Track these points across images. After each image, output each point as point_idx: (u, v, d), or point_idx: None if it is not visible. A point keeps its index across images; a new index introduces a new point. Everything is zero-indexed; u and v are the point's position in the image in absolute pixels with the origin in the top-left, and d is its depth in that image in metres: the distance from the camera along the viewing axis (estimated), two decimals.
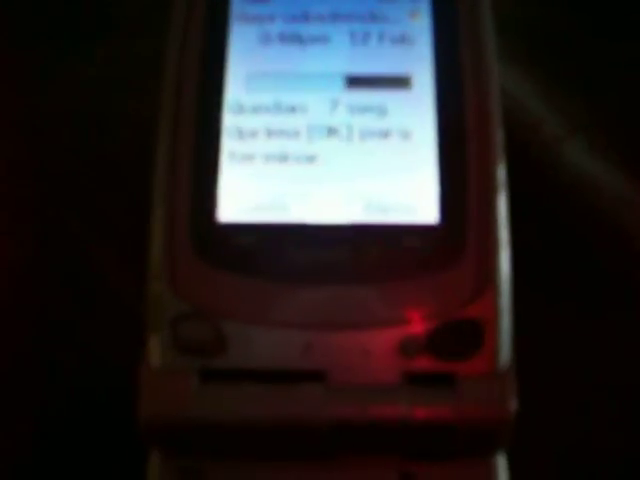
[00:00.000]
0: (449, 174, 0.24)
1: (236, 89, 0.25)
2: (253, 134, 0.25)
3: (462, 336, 0.23)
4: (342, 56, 0.25)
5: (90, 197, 0.31)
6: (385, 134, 0.25)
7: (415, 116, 0.25)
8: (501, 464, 0.24)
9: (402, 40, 0.26)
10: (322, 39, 0.26)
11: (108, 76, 0.34)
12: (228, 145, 0.25)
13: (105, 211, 0.31)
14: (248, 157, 0.24)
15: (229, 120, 0.25)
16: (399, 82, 0.25)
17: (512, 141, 0.25)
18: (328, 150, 0.24)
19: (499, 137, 0.24)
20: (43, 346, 0.29)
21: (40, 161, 0.32)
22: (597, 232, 0.31)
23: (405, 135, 0.25)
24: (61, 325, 0.30)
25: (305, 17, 0.26)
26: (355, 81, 0.25)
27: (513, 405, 0.22)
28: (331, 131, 0.25)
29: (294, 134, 0.25)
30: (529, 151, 0.32)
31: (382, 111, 0.25)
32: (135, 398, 0.22)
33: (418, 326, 0.23)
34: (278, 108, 0.25)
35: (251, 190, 0.24)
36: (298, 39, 0.26)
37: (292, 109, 0.25)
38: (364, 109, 0.25)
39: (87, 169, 0.32)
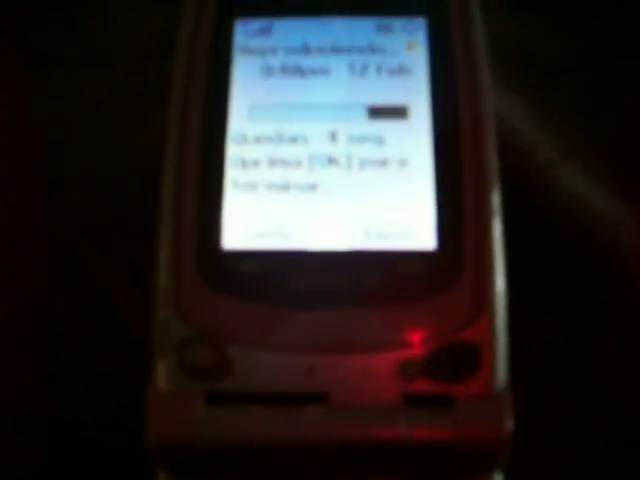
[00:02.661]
0: (446, 201, 0.25)
1: (239, 120, 0.26)
2: (256, 163, 0.26)
3: (459, 359, 0.23)
4: (341, 87, 0.26)
5: (98, 223, 0.32)
6: (383, 163, 0.25)
7: (412, 145, 0.25)
8: None
9: (399, 71, 0.26)
10: (322, 71, 0.26)
11: (114, 101, 0.35)
12: (232, 174, 0.25)
13: (112, 236, 0.32)
14: (251, 186, 0.25)
15: (232, 150, 0.26)
16: (397, 112, 0.26)
17: (507, 165, 0.26)
18: (328, 179, 0.25)
19: (494, 164, 0.25)
20: (52, 368, 0.30)
21: (49, 186, 0.33)
22: (592, 255, 0.31)
23: (403, 163, 0.25)
24: (70, 347, 0.30)
25: (306, 49, 0.27)
26: (354, 111, 0.26)
27: (510, 425, 0.23)
28: (331, 160, 0.25)
29: (295, 163, 0.25)
30: (524, 175, 0.33)
31: (380, 140, 0.26)
32: (143, 419, 0.23)
33: (417, 349, 0.23)
34: (280, 138, 0.26)
35: (254, 218, 0.25)
36: (299, 71, 0.26)
37: (293, 139, 0.26)
38: (363, 139, 0.26)
39: (94, 194, 0.33)
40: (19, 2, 0.38)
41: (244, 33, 0.27)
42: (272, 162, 0.26)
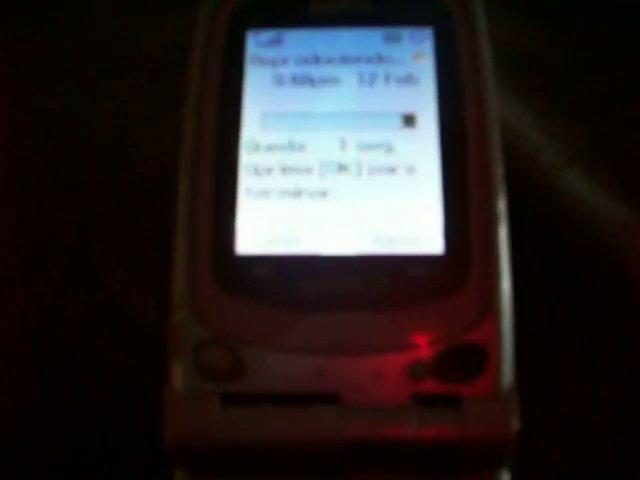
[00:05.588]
0: (453, 206, 0.25)
1: (252, 128, 0.27)
2: (268, 171, 0.26)
3: (466, 360, 0.24)
4: (351, 96, 0.27)
5: (113, 229, 0.33)
6: (392, 170, 0.26)
7: (420, 152, 0.26)
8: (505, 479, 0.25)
9: (407, 80, 0.27)
10: (332, 80, 0.27)
11: (128, 110, 0.35)
12: (245, 181, 0.26)
13: (128, 242, 0.32)
14: (264, 193, 0.26)
15: (245, 158, 0.26)
16: (405, 120, 0.27)
17: (512, 170, 0.26)
18: (339, 185, 0.26)
19: (499, 171, 0.26)
20: (70, 371, 0.30)
21: (64, 194, 0.34)
22: (595, 259, 0.32)
23: (411, 170, 0.26)
24: (87, 350, 0.31)
25: (316, 59, 0.27)
26: (364, 120, 0.27)
27: (516, 424, 0.24)
28: (341, 167, 0.26)
29: (307, 171, 0.26)
30: (528, 179, 0.33)
31: (389, 148, 0.26)
32: (161, 420, 0.24)
33: (425, 351, 0.24)
34: (291, 146, 0.26)
35: (267, 224, 0.26)
36: (309, 80, 0.27)
37: (304, 147, 0.26)
38: (372, 146, 0.26)
39: (110, 202, 0.33)
40: (31, 13, 0.39)
41: (256, 44, 0.28)
42: (284, 169, 0.26)
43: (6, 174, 0.34)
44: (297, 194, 0.26)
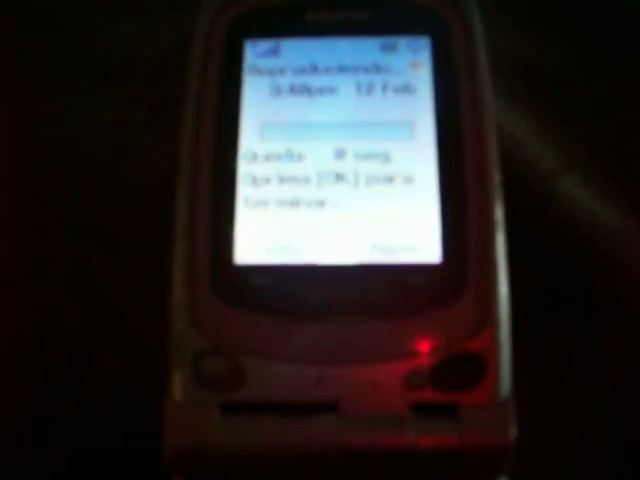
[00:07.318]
0: (450, 216, 0.26)
1: (250, 138, 0.27)
2: (266, 181, 0.26)
3: (464, 369, 0.24)
4: (348, 106, 0.27)
5: (113, 237, 0.33)
6: (389, 179, 0.26)
7: (417, 162, 0.26)
8: None
9: (405, 89, 0.27)
10: (329, 90, 0.27)
11: (128, 118, 0.36)
12: (243, 191, 0.26)
13: (128, 250, 0.33)
14: (262, 202, 0.26)
15: (244, 168, 0.26)
16: (402, 129, 0.27)
17: (510, 176, 0.26)
18: (337, 195, 0.26)
19: (497, 180, 0.26)
20: (68, 381, 0.31)
21: (64, 204, 0.34)
22: (593, 265, 0.32)
23: (408, 180, 0.26)
24: (86, 358, 0.31)
25: (313, 69, 0.28)
26: (361, 129, 0.27)
27: (513, 433, 0.24)
28: (339, 177, 0.26)
29: (304, 180, 0.26)
30: (526, 186, 0.33)
31: (386, 157, 0.26)
32: (161, 429, 0.24)
33: (423, 360, 0.24)
34: (289, 156, 0.27)
35: (265, 233, 0.26)
36: (307, 90, 0.27)
37: (302, 157, 0.26)
38: (369, 156, 0.26)
39: (110, 209, 0.33)
40: (32, 20, 0.39)
41: (253, 53, 0.28)
42: (282, 179, 0.26)
43: (6, 181, 0.35)
44: (295, 204, 0.26)
